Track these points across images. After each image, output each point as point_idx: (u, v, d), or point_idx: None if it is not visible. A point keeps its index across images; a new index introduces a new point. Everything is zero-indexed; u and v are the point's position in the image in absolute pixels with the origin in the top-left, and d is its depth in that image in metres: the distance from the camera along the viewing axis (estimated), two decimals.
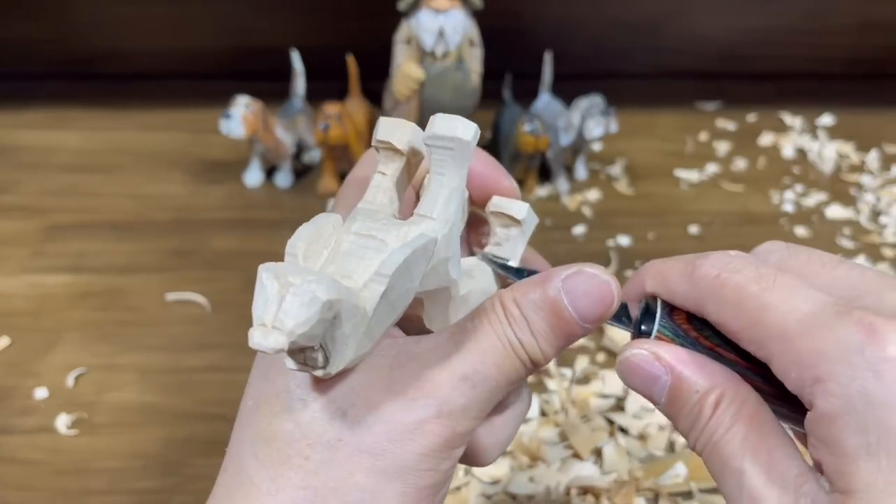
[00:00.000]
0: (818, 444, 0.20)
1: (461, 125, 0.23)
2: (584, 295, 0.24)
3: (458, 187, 0.24)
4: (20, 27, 0.84)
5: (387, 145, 0.24)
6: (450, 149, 0.23)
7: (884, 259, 0.63)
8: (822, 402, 0.20)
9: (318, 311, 0.19)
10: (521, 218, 0.28)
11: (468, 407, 0.23)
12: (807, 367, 0.20)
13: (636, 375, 0.24)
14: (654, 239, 0.65)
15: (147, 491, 0.44)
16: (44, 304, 0.56)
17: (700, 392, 0.23)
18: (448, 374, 0.23)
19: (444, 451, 0.23)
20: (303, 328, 0.19)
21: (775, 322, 0.22)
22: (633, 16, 0.87)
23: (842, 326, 0.20)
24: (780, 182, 0.74)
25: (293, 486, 0.22)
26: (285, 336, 0.18)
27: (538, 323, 0.24)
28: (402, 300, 0.22)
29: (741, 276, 0.23)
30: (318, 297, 0.19)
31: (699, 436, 0.23)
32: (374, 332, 0.21)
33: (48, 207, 0.67)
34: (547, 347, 0.24)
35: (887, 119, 0.84)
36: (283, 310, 0.19)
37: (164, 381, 0.50)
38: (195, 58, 0.85)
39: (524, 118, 0.66)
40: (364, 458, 0.22)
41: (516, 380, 0.24)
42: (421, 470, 0.22)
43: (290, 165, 0.71)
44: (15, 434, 0.47)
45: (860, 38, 0.90)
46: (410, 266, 0.21)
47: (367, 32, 0.74)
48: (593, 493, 0.43)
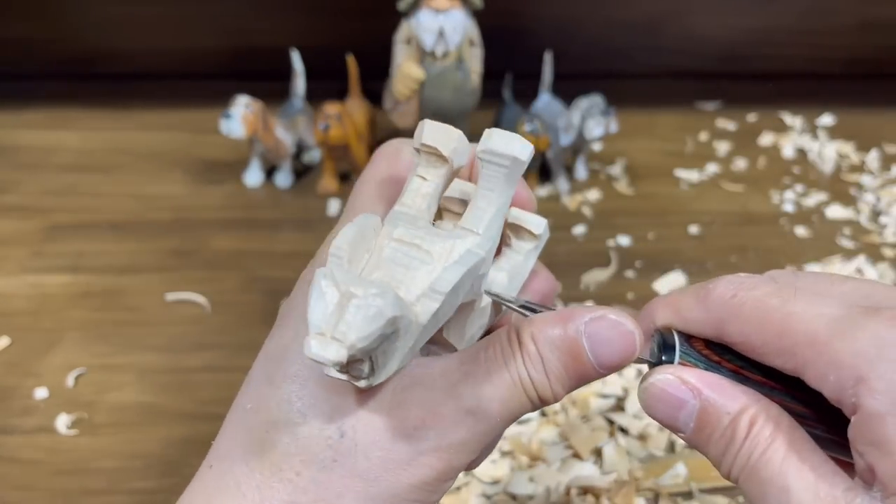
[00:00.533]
0: (867, 448, 0.20)
1: (519, 144, 0.22)
2: (605, 342, 0.23)
3: (504, 205, 0.23)
4: (20, 27, 0.84)
5: (432, 150, 0.23)
6: (504, 166, 0.23)
7: (884, 259, 0.63)
8: (869, 402, 0.19)
9: (382, 326, 0.18)
10: (538, 233, 0.27)
11: (467, 442, 0.22)
12: (846, 368, 0.20)
13: (661, 402, 0.23)
14: (654, 239, 0.65)
15: (147, 491, 0.44)
16: (44, 304, 0.56)
17: (731, 414, 0.22)
18: (453, 407, 0.22)
19: (436, 484, 0.22)
20: (364, 342, 0.18)
21: (804, 329, 0.21)
22: (633, 16, 0.87)
23: (875, 324, 0.20)
24: (781, 182, 0.74)
25: (279, 501, 0.21)
26: (346, 349, 0.18)
27: (553, 363, 0.23)
28: (445, 316, 0.21)
29: (759, 291, 0.23)
30: (384, 312, 0.18)
31: (734, 460, 0.22)
32: (417, 346, 0.21)
33: (48, 207, 0.67)
34: (558, 388, 0.23)
35: (887, 119, 0.84)
36: (346, 321, 0.18)
37: (164, 381, 0.50)
38: (195, 58, 0.85)
39: (524, 118, 0.66)
40: (356, 483, 0.22)
41: (519, 415, 0.23)
42: (410, 500, 0.22)
43: (290, 165, 0.71)
44: (15, 434, 0.47)
45: (860, 38, 0.90)
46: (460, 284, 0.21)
47: (367, 32, 0.74)
48: (593, 493, 0.43)
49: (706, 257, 0.63)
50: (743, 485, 0.22)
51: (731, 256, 0.63)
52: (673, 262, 0.62)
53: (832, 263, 0.62)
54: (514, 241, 0.28)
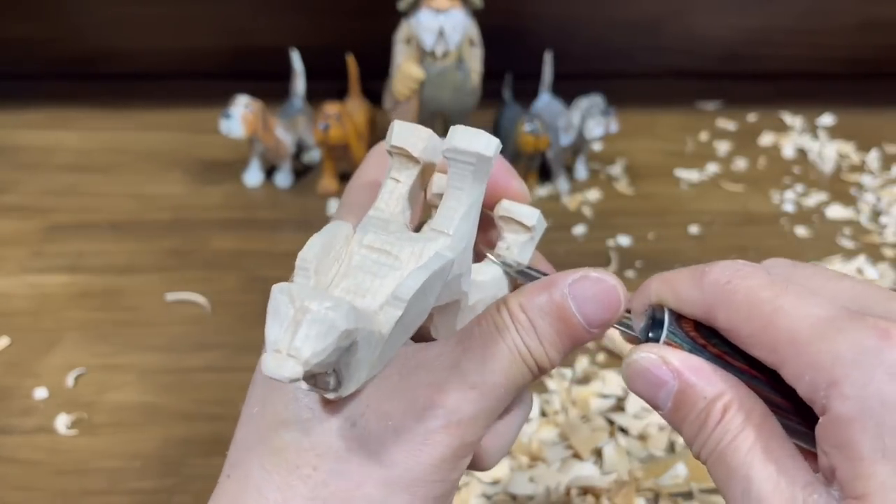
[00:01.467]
0: (831, 450, 0.20)
1: (483, 140, 0.22)
2: (590, 299, 0.24)
3: (475, 203, 0.23)
4: (20, 27, 0.84)
5: (402, 151, 0.23)
6: (470, 164, 0.22)
7: (884, 259, 0.63)
8: (838, 405, 0.20)
9: (336, 340, 0.18)
10: (531, 225, 0.27)
11: (477, 416, 0.23)
12: (821, 370, 0.20)
13: (642, 379, 0.24)
14: (654, 239, 0.65)
15: (146, 491, 0.44)
16: (44, 304, 0.56)
17: (708, 398, 0.23)
18: (457, 383, 0.23)
19: (453, 461, 0.23)
20: (319, 357, 0.18)
21: (788, 326, 0.21)
22: (633, 16, 0.87)
23: (857, 330, 0.20)
24: (781, 182, 0.74)
25: (301, 497, 0.22)
26: (301, 366, 0.18)
27: (545, 328, 0.24)
28: (415, 321, 0.21)
29: (752, 281, 0.23)
30: (336, 326, 0.18)
31: (705, 442, 0.23)
32: (387, 354, 0.21)
33: (48, 207, 0.67)
34: (553, 353, 0.24)
35: (887, 119, 0.84)
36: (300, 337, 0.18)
37: (164, 381, 0.50)
38: (195, 58, 0.85)
39: (524, 118, 0.66)
40: (374, 469, 0.22)
41: (522, 386, 0.24)
42: (431, 481, 0.22)
43: (290, 165, 0.71)
44: (15, 434, 0.47)
45: (860, 37, 0.90)
46: (427, 288, 0.21)
47: (367, 32, 0.74)
48: (593, 494, 0.43)
49: (706, 257, 0.62)
50: (710, 468, 0.23)
51: (731, 256, 0.62)
52: (673, 262, 0.61)
53: (832, 263, 0.62)
54: (508, 235, 0.28)
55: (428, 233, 0.23)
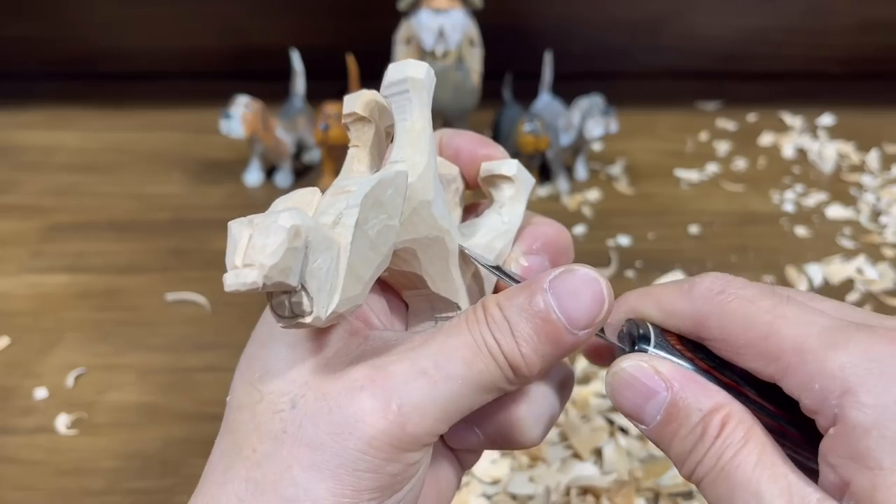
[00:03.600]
0: (843, 462, 0.19)
1: (411, 65, 0.23)
2: (571, 295, 0.22)
3: (423, 128, 0.23)
4: (20, 27, 0.84)
5: (353, 116, 0.24)
6: (405, 91, 0.23)
7: (884, 259, 0.63)
8: (854, 414, 0.19)
9: (285, 238, 0.18)
10: (511, 174, 0.27)
11: (424, 405, 0.21)
12: (833, 378, 0.20)
13: (630, 389, 0.22)
14: (654, 239, 0.65)
15: (146, 491, 0.44)
16: (44, 304, 0.56)
17: (703, 411, 0.22)
18: (406, 367, 0.21)
19: (389, 451, 0.21)
20: (272, 259, 0.18)
21: (794, 334, 0.21)
22: (633, 16, 0.87)
23: (868, 337, 0.20)
24: (781, 182, 0.74)
25: (239, 478, 0.21)
26: (257, 270, 0.18)
27: (521, 325, 0.22)
28: (383, 238, 0.21)
29: (748, 291, 0.22)
30: (280, 224, 0.18)
31: (702, 459, 0.21)
32: (361, 272, 0.20)
33: (48, 207, 0.67)
34: (529, 352, 0.22)
35: (887, 119, 0.84)
36: (252, 247, 0.19)
37: (164, 380, 0.50)
38: (195, 58, 0.86)
39: (524, 118, 0.66)
40: (303, 451, 0.21)
41: (490, 385, 0.22)
42: (360, 470, 0.20)
43: (290, 165, 0.71)
44: (15, 434, 0.47)
45: (860, 38, 0.90)
46: (382, 199, 0.20)
47: (367, 32, 0.74)
48: (593, 493, 0.43)
49: (706, 257, 0.63)
50: (707, 486, 0.21)
51: (731, 256, 0.63)
52: (673, 262, 0.62)
53: (832, 263, 0.62)
54: (493, 194, 0.27)
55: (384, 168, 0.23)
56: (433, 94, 0.24)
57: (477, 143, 0.27)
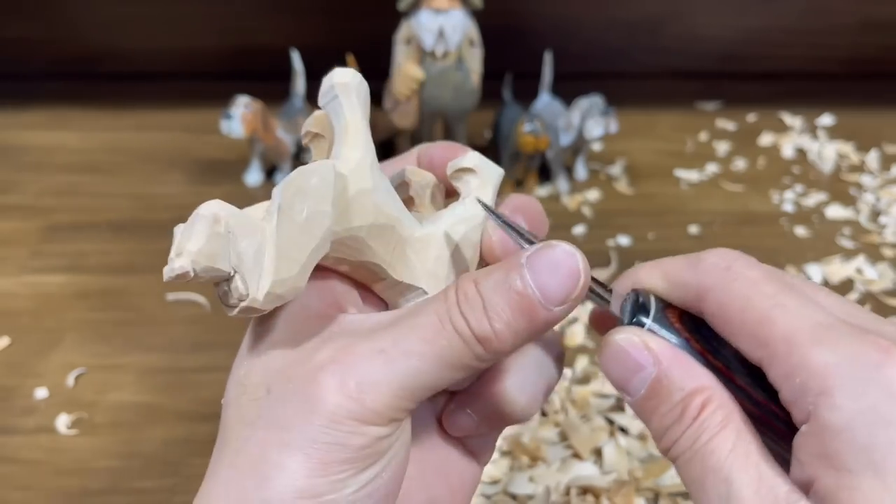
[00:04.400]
0: (812, 460, 0.20)
1: (337, 72, 0.24)
2: (547, 269, 0.22)
3: (356, 126, 0.24)
4: (20, 27, 0.84)
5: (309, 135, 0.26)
6: (335, 97, 0.24)
7: (884, 259, 0.63)
8: (827, 414, 0.19)
9: (206, 225, 0.20)
10: (471, 165, 0.27)
11: (380, 381, 0.21)
12: (815, 374, 0.20)
13: (619, 360, 0.23)
14: (654, 239, 0.65)
15: (147, 491, 0.44)
16: (44, 304, 0.56)
17: (685, 391, 0.22)
18: (366, 346, 0.22)
19: (351, 425, 0.21)
20: (196, 245, 0.20)
21: (787, 324, 0.21)
22: (633, 16, 0.87)
23: (858, 342, 0.20)
24: (780, 182, 0.74)
25: (224, 467, 0.22)
26: (185, 256, 0.20)
27: (493, 300, 0.22)
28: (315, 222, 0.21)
29: (754, 273, 0.22)
30: (199, 213, 0.21)
31: (678, 438, 0.22)
32: (293, 254, 0.21)
33: (48, 207, 0.67)
34: (501, 326, 0.21)
35: (887, 119, 0.84)
36: (181, 239, 0.21)
37: (164, 380, 0.50)
38: (195, 58, 0.85)
39: (524, 118, 0.66)
40: (274, 434, 0.21)
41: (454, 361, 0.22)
42: (326, 443, 0.21)
43: (291, 165, 0.71)
44: (15, 434, 0.47)
45: (860, 37, 0.90)
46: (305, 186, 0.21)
47: (367, 32, 0.74)
48: (593, 493, 0.43)
49: None
50: (682, 465, 0.22)
51: None
52: None
53: (832, 263, 0.62)
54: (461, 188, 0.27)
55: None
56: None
57: (450, 150, 0.28)
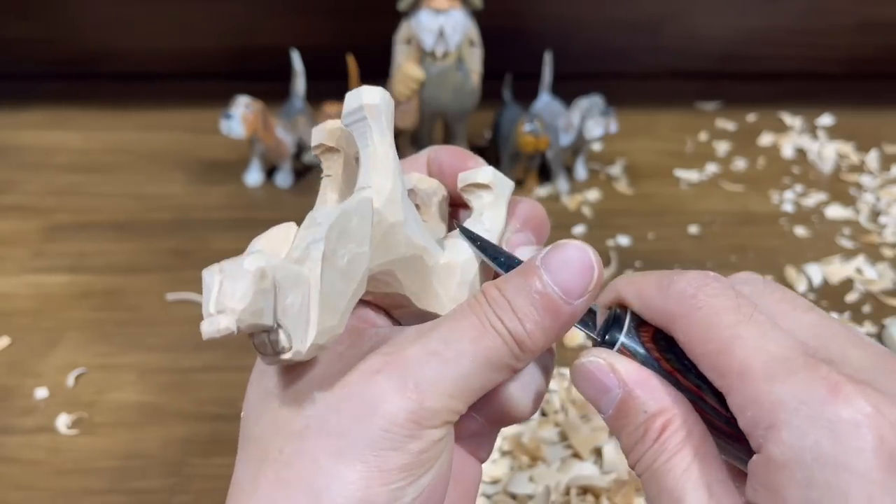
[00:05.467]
0: (759, 489, 0.20)
1: (366, 92, 0.23)
2: (562, 265, 0.23)
3: (386, 153, 0.23)
4: (20, 27, 0.84)
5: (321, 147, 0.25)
6: (363, 118, 0.23)
7: (883, 259, 0.63)
8: (773, 448, 0.20)
9: (251, 282, 0.19)
10: (486, 181, 0.27)
11: (438, 381, 0.22)
12: (764, 410, 0.20)
13: (588, 382, 0.24)
14: (654, 239, 0.65)
15: (147, 491, 0.44)
16: (44, 304, 0.56)
17: (648, 413, 0.23)
18: (418, 349, 0.22)
19: (410, 427, 0.21)
20: (242, 303, 0.19)
21: (742, 357, 0.21)
22: (633, 16, 0.87)
23: (806, 379, 0.20)
24: (780, 182, 0.74)
25: (268, 482, 0.21)
26: (229, 315, 0.19)
27: (519, 302, 0.23)
28: (355, 266, 0.21)
29: (717, 301, 0.22)
30: (246, 269, 0.19)
31: (641, 457, 0.23)
32: (335, 303, 0.21)
33: (48, 207, 0.67)
34: (532, 327, 0.23)
35: (887, 119, 0.84)
36: (221, 293, 0.19)
37: (164, 380, 0.50)
38: (195, 58, 0.86)
39: (524, 118, 0.66)
40: (327, 441, 0.21)
41: (497, 361, 0.23)
42: (384, 449, 0.21)
43: (291, 165, 0.71)
44: (15, 434, 0.47)
45: (860, 38, 0.90)
46: (348, 228, 0.21)
47: (367, 32, 0.74)
48: (593, 493, 0.43)
49: (706, 257, 0.63)
50: (644, 482, 0.23)
51: (730, 256, 0.63)
52: (673, 262, 0.62)
53: (832, 263, 0.62)
54: (473, 202, 0.27)
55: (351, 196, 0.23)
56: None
57: (459, 158, 0.28)
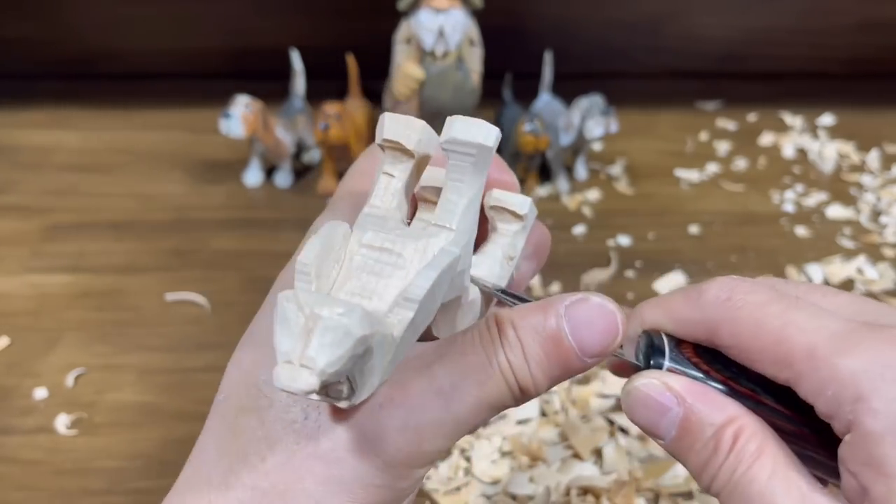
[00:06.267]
0: (861, 469, 0.19)
1: (483, 130, 0.21)
2: (586, 324, 0.22)
3: (476, 196, 0.22)
4: (20, 27, 0.84)
5: (395, 145, 0.23)
6: (470, 155, 0.22)
7: (884, 259, 0.63)
8: (868, 421, 0.19)
9: (352, 347, 0.17)
10: (523, 213, 0.26)
11: (439, 424, 0.21)
12: (845, 385, 0.19)
13: (644, 406, 0.23)
14: (654, 239, 0.65)
15: (146, 491, 0.44)
16: (44, 304, 0.56)
17: (715, 425, 0.22)
18: (424, 386, 0.21)
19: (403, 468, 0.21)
20: (335, 367, 0.17)
21: (804, 340, 0.21)
22: (633, 16, 0.87)
23: (878, 341, 0.20)
24: (781, 182, 0.74)
25: (242, 486, 0.21)
26: (316, 376, 0.17)
27: (533, 347, 0.22)
28: (425, 321, 0.21)
29: (756, 297, 0.22)
30: (352, 332, 0.17)
31: (717, 473, 0.21)
32: (398, 358, 0.20)
33: (48, 207, 0.67)
34: (539, 374, 0.22)
35: (887, 119, 0.84)
36: (314, 346, 0.17)
37: (164, 380, 0.50)
38: (195, 58, 0.85)
39: (524, 118, 0.66)
40: (317, 465, 0.21)
41: (498, 405, 0.22)
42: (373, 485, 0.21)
43: (290, 165, 0.71)
44: (15, 434, 0.47)
45: (860, 37, 0.90)
46: (436, 287, 0.20)
47: (367, 32, 0.74)
48: (593, 493, 0.43)
49: (706, 257, 0.63)
50: (725, 499, 0.22)
51: (731, 256, 0.63)
52: (673, 262, 0.62)
53: (832, 263, 0.62)
54: (499, 225, 0.27)
55: (429, 228, 0.22)
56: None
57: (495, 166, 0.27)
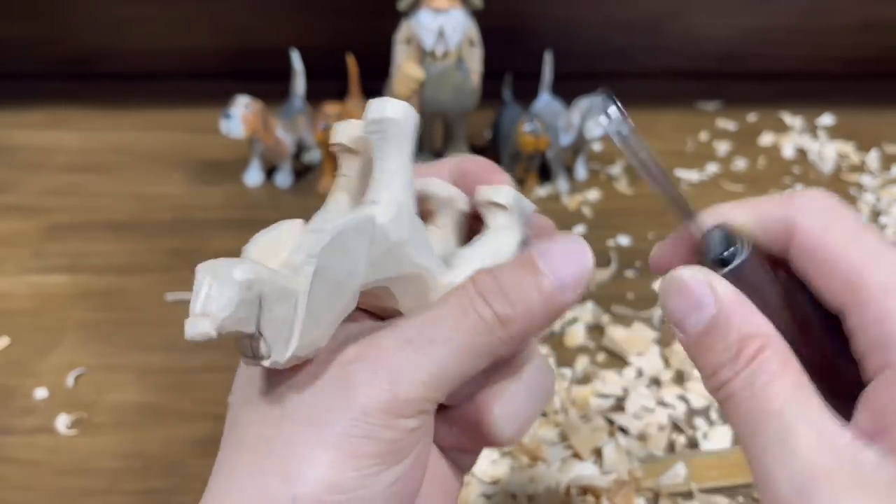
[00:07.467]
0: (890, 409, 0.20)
1: (390, 105, 0.23)
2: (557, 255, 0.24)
3: (399, 169, 0.23)
4: (20, 27, 0.84)
5: (341, 147, 0.25)
6: (384, 131, 0.23)
7: None
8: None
9: (237, 291, 0.19)
10: (505, 202, 0.26)
11: (410, 371, 0.21)
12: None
13: (681, 296, 0.22)
14: (654, 239, 0.65)
15: (147, 491, 0.44)
16: (44, 304, 0.56)
17: (742, 333, 0.22)
18: (392, 337, 0.22)
19: (383, 418, 0.21)
20: (226, 311, 0.19)
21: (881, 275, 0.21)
22: (633, 15, 0.87)
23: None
24: (781, 182, 0.74)
25: (244, 465, 0.22)
26: (211, 321, 0.19)
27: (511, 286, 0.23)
28: (348, 283, 0.21)
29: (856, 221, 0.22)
30: (233, 277, 0.19)
31: (733, 378, 0.21)
32: (322, 317, 0.21)
33: (48, 207, 0.67)
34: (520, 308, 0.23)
35: (887, 119, 0.84)
36: (207, 296, 0.20)
37: (164, 380, 0.50)
38: (195, 58, 0.85)
39: (524, 118, 0.66)
40: (303, 430, 0.21)
41: (484, 345, 0.22)
42: (357, 437, 0.21)
43: (290, 165, 0.71)
44: (15, 434, 0.47)
45: (860, 37, 0.90)
46: (346, 246, 0.21)
47: (367, 32, 0.74)
48: (593, 493, 0.43)
49: None
50: (734, 405, 0.22)
51: None
52: None
53: None
54: (487, 220, 0.27)
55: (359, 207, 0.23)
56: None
57: (484, 169, 0.27)
